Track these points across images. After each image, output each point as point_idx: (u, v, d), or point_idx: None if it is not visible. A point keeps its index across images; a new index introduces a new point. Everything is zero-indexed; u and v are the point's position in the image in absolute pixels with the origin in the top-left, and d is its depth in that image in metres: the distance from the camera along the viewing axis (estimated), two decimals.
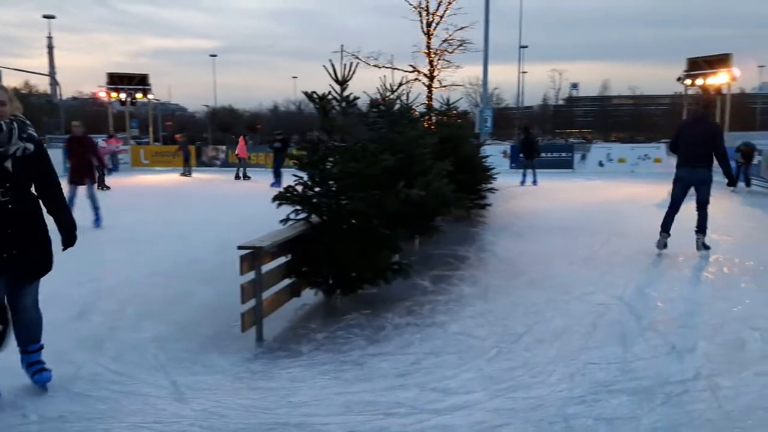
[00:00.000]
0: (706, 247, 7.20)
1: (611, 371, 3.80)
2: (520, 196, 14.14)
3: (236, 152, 21.55)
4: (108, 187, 16.99)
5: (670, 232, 7.24)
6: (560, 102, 79.46)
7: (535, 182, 17.36)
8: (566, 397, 3.44)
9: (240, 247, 4.42)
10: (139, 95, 26.29)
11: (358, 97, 5.60)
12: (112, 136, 23.68)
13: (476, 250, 7.79)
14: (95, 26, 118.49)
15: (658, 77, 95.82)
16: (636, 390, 3.51)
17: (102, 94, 26.48)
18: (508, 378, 3.73)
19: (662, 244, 7.28)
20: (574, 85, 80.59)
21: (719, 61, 21.12)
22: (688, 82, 22.36)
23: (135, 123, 32.18)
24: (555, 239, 8.49)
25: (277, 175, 17.53)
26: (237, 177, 20.59)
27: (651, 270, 6.54)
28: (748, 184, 14.99)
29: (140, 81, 26.32)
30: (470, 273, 6.56)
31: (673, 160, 7.75)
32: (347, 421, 3.21)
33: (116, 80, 25.96)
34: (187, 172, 21.89)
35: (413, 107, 8.68)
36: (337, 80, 5.35)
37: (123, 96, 25.77)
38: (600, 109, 78.64)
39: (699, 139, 7.03)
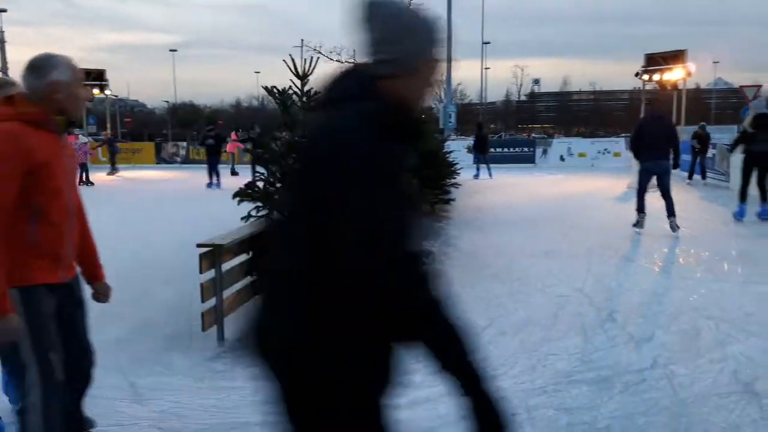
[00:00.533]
0: (678, 227, 7.96)
1: (572, 362, 3.86)
2: (483, 191, 14.26)
3: (227, 149, 20.84)
4: (92, 183, 17.59)
5: (646, 211, 8.25)
6: (523, 98, 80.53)
7: (490, 175, 17.90)
8: (528, 388, 3.48)
9: (199, 245, 4.35)
10: (96, 91, 25.62)
11: (319, 92, 5.55)
12: (70, 133, 23.06)
13: (440, 245, 7.82)
14: (50, 20, 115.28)
15: (617, 73, 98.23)
16: (595, 380, 3.58)
17: None
18: None
19: (641, 224, 8.25)
20: (536, 81, 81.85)
21: (675, 57, 21.65)
22: (646, 77, 22.87)
23: (93, 120, 31.40)
24: (518, 233, 8.59)
25: (217, 175, 16.84)
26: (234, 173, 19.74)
27: (610, 262, 6.68)
28: (704, 176, 15.36)
29: (97, 76, 25.61)
30: (434, 267, 6.58)
31: (630, 154, 8.27)
32: None
33: None
34: (113, 171, 21.18)
35: None
36: (297, 75, 5.29)
37: None
38: (561, 105, 79.97)
39: (660, 135, 7.97)
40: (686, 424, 3.07)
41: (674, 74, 21.57)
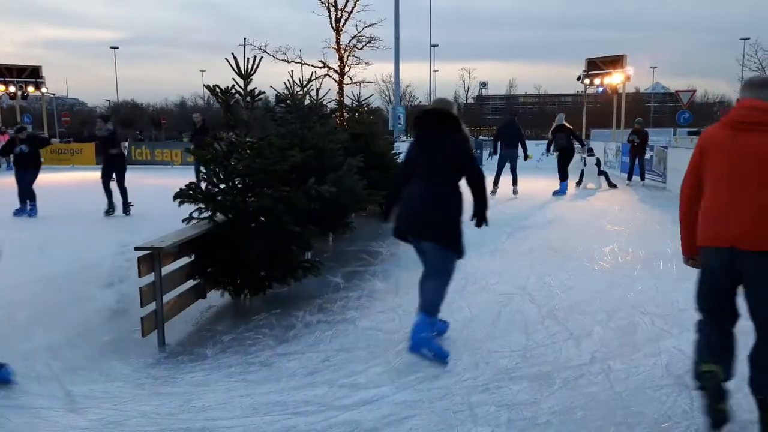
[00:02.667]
0: (518, 192, 12.72)
1: (513, 358, 3.94)
2: None
3: None
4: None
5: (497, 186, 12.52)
6: (470, 100, 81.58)
7: None
8: (471, 385, 3.53)
9: (138, 248, 4.23)
10: (31, 88, 24.62)
11: (264, 92, 5.47)
12: (3, 132, 22.04)
13: (389, 245, 7.83)
14: None
15: (561, 76, 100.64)
16: (536, 376, 3.66)
17: None
18: (416, 370, 3.78)
19: (495, 192, 12.22)
20: (484, 84, 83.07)
21: (614, 61, 22.47)
22: (588, 81, 23.63)
23: (28, 118, 30.02)
24: (464, 233, 8.67)
25: (25, 197, 10.70)
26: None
27: (551, 260, 6.84)
28: (642, 177, 15.74)
29: (32, 73, 24.64)
30: (382, 268, 6.61)
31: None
32: (253, 422, 3.15)
33: (4, 72, 24.18)
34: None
35: (325, 103, 8.61)
36: (240, 74, 5.21)
37: (12, 89, 24.04)
38: (508, 107, 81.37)
39: (511, 134, 13.04)
40: (622, 416, 3.17)
41: (614, 78, 22.39)
